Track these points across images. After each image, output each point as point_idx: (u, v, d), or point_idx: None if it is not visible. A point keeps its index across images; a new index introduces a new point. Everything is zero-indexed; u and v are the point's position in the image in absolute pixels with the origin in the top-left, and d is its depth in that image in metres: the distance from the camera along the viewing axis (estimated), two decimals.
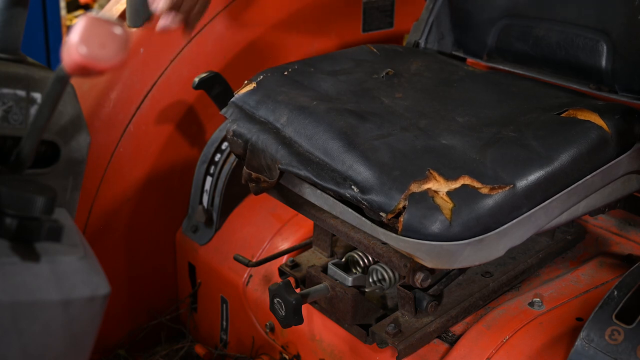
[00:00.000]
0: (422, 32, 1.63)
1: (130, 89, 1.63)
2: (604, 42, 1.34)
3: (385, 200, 1.03)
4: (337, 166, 1.10)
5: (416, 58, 1.48)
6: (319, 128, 1.14)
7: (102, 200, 1.62)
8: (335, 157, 1.10)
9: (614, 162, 1.18)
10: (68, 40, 0.63)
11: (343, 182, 1.08)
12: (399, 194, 1.02)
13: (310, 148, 1.13)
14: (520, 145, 1.12)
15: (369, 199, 1.04)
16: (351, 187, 1.07)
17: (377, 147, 1.10)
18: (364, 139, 1.11)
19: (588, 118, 1.18)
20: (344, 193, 1.07)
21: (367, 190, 1.05)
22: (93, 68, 0.63)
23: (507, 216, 1.05)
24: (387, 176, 1.04)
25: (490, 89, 1.36)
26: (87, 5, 3.74)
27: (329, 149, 1.11)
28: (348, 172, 1.08)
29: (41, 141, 0.80)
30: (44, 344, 0.75)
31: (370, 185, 1.05)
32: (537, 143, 1.12)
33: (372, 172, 1.06)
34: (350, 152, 1.09)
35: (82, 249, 0.80)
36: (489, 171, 1.06)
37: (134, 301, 1.73)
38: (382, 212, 1.03)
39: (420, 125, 1.18)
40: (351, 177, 1.07)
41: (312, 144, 1.13)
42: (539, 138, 1.13)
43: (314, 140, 1.13)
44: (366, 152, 1.09)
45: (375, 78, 1.36)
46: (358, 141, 1.11)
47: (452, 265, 1.07)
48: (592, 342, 1.02)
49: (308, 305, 1.33)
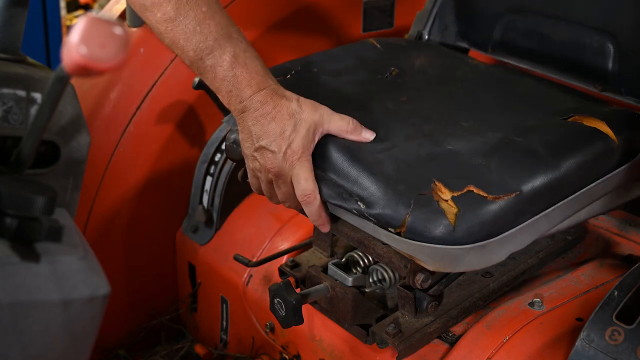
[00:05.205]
0: (425, 23, 1.61)
1: (130, 89, 1.63)
2: (610, 44, 1.33)
3: (392, 215, 1.03)
4: (341, 182, 1.09)
5: (420, 53, 1.47)
6: (322, 142, 1.12)
7: (102, 200, 1.62)
8: (340, 172, 1.09)
9: (618, 170, 1.18)
10: (68, 40, 0.63)
11: (349, 198, 1.07)
12: (405, 208, 1.02)
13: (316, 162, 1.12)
14: (527, 151, 1.11)
15: (375, 214, 1.04)
16: (357, 202, 1.06)
17: (381, 160, 1.09)
18: (367, 152, 1.11)
19: (595, 125, 1.18)
20: (351, 209, 1.07)
21: (373, 205, 1.05)
22: (93, 68, 0.63)
23: (510, 223, 1.05)
24: (392, 190, 1.04)
25: (496, 87, 1.35)
26: (87, 5, 3.74)
27: (334, 164, 1.10)
28: (353, 187, 1.07)
29: (41, 141, 0.80)
30: (44, 344, 0.75)
31: (376, 200, 1.04)
32: (543, 149, 1.12)
33: (377, 187, 1.05)
34: (354, 166, 1.08)
35: (82, 249, 0.80)
36: (495, 177, 1.06)
37: (134, 301, 1.73)
38: (390, 227, 1.03)
39: (425, 132, 1.17)
40: (356, 193, 1.07)
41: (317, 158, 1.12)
42: (545, 144, 1.13)
43: (318, 155, 1.12)
44: (371, 166, 1.08)
45: (380, 78, 1.35)
46: (362, 155, 1.10)
47: (454, 270, 1.07)
48: (592, 342, 1.02)
49: (308, 305, 1.33)
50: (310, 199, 1.09)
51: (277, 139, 1.07)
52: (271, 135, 1.07)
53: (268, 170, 1.10)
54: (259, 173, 1.14)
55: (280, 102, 1.07)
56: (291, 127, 1.07)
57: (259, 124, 1.07)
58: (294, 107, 1.07)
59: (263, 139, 1.08)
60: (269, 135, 1.07)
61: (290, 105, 1.08)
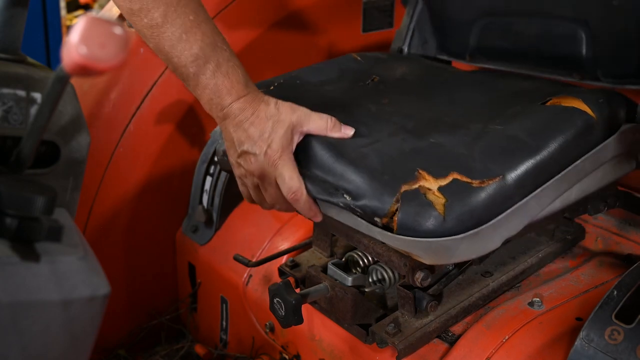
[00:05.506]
0: (404, 39, 1.64)
1: (130, 89, 1.63)
2: (582, 31, 1.34)
3: (378, 205, 1.03)
4: (327, 177, 1.10)
5: (401, 64, 1.49)
6: (306, 141, 1.14)
7: (102, 200, 1.62)
8: (325, 168, 1.11)
9: (601, 145, 1.18)
10: (68, 40, 0.63)
11: (335, 192, 1.08)
12: (390, 197, 1.03)
13: (301, 162, 1.13)
14: (508, 137, 1.12)
15: (362, 205, 1.05)
16: (343, 195, 1.07)
17: (365, 154, 1.10)
18: (352, 148, 1.12)
19: (572, 104, 1.19)
20: (338, 202, 1.08)
21: (359, 197, 1.05)
22: (93, 68, 0.63)
23: (499, 207, 1.06)
24: (377, 181, 1.05)
25: (476, 87, 1.37)
26: (87, 5, 3.74)
27: (319, 161, 1.12)
28: (339, 181, 1.08)
29: (41, 141, 0.80)
30: (44, 344, 0.75)
31: (362, 192, 1.05)
32: (523, 133, 1.13)
33: (362, 179, 1.06)
34: (339, 161, 1.10)
35: (82, 249, 0.80)
36: (478, 165, 1.07)
37: (134, 301, 1.73)
38: (376, 216, 1.04)
39: (407, 128, 1.18)
40: (342, 186, 1.08)
41: (301, 157, 1.13)
42: (525, 128, 1.14)
43: (303, 154, 1.13)
44: (355, 161, 1.09)
45: (361, 85, 1.36)
46: (346, 150, 1.11)
47: (450, 260, 1.07)
48: (591, 341, 1.02)
49: (308, 305, 1.33)
50: (297, 195, 1.11)
51: (258, 142, 1.09)
52: (251, 139, 1.09)
53: (252, 174, 1.12)
54: (245, 179, 1.16)
55: (259, 107, 1.09)
56: (269, 128, 1.08)
57: (239, 130, 1.09)
58: (272, 110, 1.09)
59: (244, 144, 1.10)
60: (250, 139, 1.09)
61: (268, 108, 1.09)
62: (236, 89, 1.08)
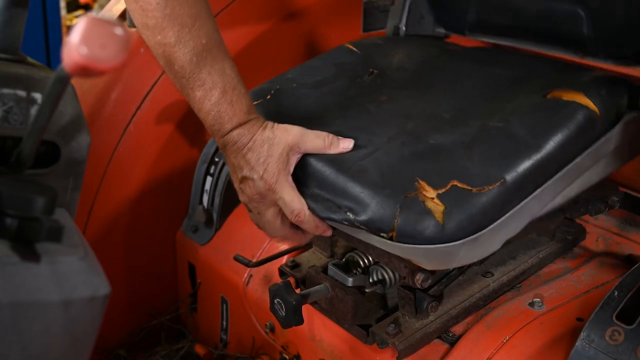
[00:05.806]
0: (400, 16, 1.61)
1: (130, 89, 1.63)
2: (582, 10, 1.32)
3: (382, 220, 1.03)
4: (329, 195, 1.10)
5: (397, 49, 1.46)
6: (305, 158, 1.13)
7: (102, 200, 1.62)
8: (326, 186, 1.10)
9: (603, 139, 1.17)
10: (68, 41, 0.63)
11: (338, 210, 1.08)
12: (393, 212, 1.03)
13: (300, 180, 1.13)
14: (507, 137, 1.11)
15: (365, 221, 1.05)
16: (346, 213, 1.07)
17: (365, 167, 1.09)
18: (351, 162, 1.11)
19: (574, 99, 1.17)
20: (341, 220, 1.08)
21: (362, 213, 1.05)
22: (93, 68, 0.63)
23: (499, 211, 1.05)
24: (379, 196, 1.04)
25: (475, 73, 1.34)
26: (87, 5, 3.74)
27: (319, 179, 1.11)
28: (340, 199, 1.08)
29: (41, 141, 0.80)
30: (44, 344, 0.75)
31: (365, 209, 1.05)
32: (524, 131, 1.12)
33: (364, 195, 1.05)
34: (339, 178, 1.09)
35: (83, 249, 0.80)
36: (478, 170, 1.06)
37: (134, 301, 1.73)
38: (382, 232, 1.04)
39: (407, 129, 1.18)
40: (345, 204, 1.07)
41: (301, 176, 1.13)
42: (525, 126, 1.13)
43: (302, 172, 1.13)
44: (355, 176, 1.08)
45: (359, 82, 1.35)
46: (346, 165, 1.10)
47: (451, 265, 1.07)
48: (592, 342, 1.02)
49: (308, 306, 1.33)
50: (300, 217, 1.11)
51: (255, 167, 1.09)
52: (249, 164, 1.10)
53: (253, 200, 1.13)
54: (250, 205, 1.16)
55: (255, 133, 1.10)
56: (265, 153, 1.09)
57: (239, 156, 1.10)
58: (267, 134, 1.10)
59: (244, 169, 1.10)
60: (248, 164, 1.10)
61: (264, 133, 1.10)
62: (238, 117, 1.09)
